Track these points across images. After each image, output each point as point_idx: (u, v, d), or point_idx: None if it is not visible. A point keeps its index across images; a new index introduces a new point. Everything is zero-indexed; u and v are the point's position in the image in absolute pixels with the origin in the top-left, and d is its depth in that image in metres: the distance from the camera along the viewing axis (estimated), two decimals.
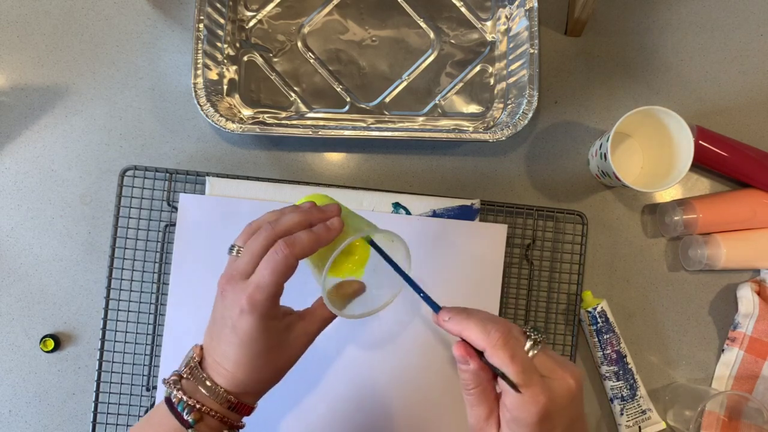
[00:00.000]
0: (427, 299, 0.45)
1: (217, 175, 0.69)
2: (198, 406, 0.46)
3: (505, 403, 0.40)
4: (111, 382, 0.68)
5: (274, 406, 0.65)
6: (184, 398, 0.46)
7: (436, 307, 0.44)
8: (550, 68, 0.75)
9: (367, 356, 0.67)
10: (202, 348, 0.49)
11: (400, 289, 0.50)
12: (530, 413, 0.39)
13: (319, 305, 0.51)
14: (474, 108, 0.74)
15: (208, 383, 0.46)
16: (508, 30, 0.74)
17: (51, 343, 0.69)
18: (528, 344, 0.41)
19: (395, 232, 0.49)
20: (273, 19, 0.74)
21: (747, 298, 0.70)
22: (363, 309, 0.51)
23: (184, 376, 0.47)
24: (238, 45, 0.74)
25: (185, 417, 0.45)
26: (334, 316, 0.50)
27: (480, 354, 0.41)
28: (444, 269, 0.68)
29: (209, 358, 0.48)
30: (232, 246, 0.49)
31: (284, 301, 0.48)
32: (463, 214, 0.69)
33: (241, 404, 0.47)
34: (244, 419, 0.49)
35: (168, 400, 0.47)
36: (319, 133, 0.69)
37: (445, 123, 0.74)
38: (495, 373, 0.40)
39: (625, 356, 0.69)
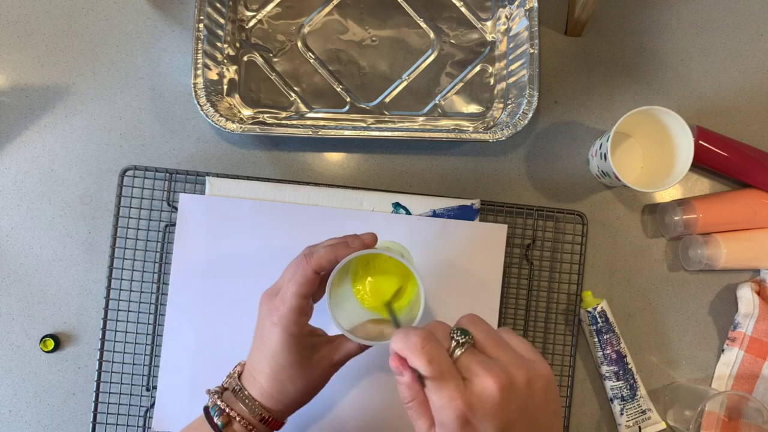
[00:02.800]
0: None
1: (217, 175, 0.69)
2: (227, 410, 0.49)
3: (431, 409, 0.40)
4: (111, 382, 0.68)
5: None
6: (218, 403, 0.50)
7: None
8: (550, 68, 0.75)
9: (374, 375, 0.67)
10: (245, 363, 0.53)
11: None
12: (449, 417, 0.38)
13: (343, 339, 0.52)
14: (474, 108, 0.74)
15: (244, 393, 0.50)
16: (508, 30, 0.74)
17: (51, 343, 0.69)
18: (452, 344, 0.40)
19: (412, 265, 0.49)
20: (273, 19, 0.74)
21: (747, 298, 0.70)
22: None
23: (227, 387, 0.52)
24: (238, 45, 0.74)
25: (215, 420, 0.49)
26: (359, 349, 0.52)
27: None
28: (444, 269, 0.68)
29: (247, 370, 0.51)
30: None
31: None
32: (463, 214, 0.69)
33: (272, 419, 0.50)
34: None
35: (206, 408, 0.51)
36: (319, 133, 0.69)
37: (445, 123, 0.74)
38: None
39: (625, 356, 0.69)
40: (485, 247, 0.68)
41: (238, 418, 0.49)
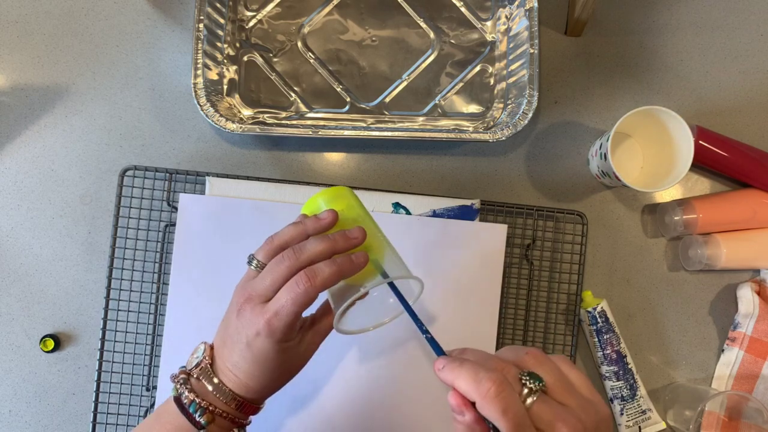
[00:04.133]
0: (432, 342, 0.43)
1: (217, 175, 0.69)
2: (211, 408, 0.47)
3: None
4: (111, 382, 0.68)
5: (277, 406, 0.65)
6: (197, 400, 0.47)
7: (439, 351, 0.42)
8: (550, 68, 0.75)
9: (368, 364, 0.67)
10: (212, 348, 0.50)
11: (401, 313, 0.49)
12: None
13: (322, 315, 0.51)
14: (474, 108, 0.74)
15: (218, 385, 0.47)
16: (508, 30, 0.74)
17: (51, 343, 0.69)
18: (524, 392, 0.37)
19: (415, 276, 0.48)
20: (273, 19, 0.74)
21: (747, 298, 0.70)
22: (364, 318, 0.51)
23: (194, 375, 0.48)
24: (238, 45, 0.74)
25: (197, 418, 0.46)
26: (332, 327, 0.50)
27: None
28: (444, 269, 0.68)
29: (219, 361, 0.49)
30: (251, 257, 0.49)
31: None
32: (463, 214, 0.69)
33: (249, 405, 0.48)
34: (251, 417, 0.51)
35: (177, 400, 0.47)
36: (319, 133, 0.69)
37: (445, 123, 0.74)
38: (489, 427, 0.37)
39: (625, 356, 0.69)
40: (485, 247, 0.68)
41: (223, 414, 0.47)
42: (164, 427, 0.47)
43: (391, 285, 0.48)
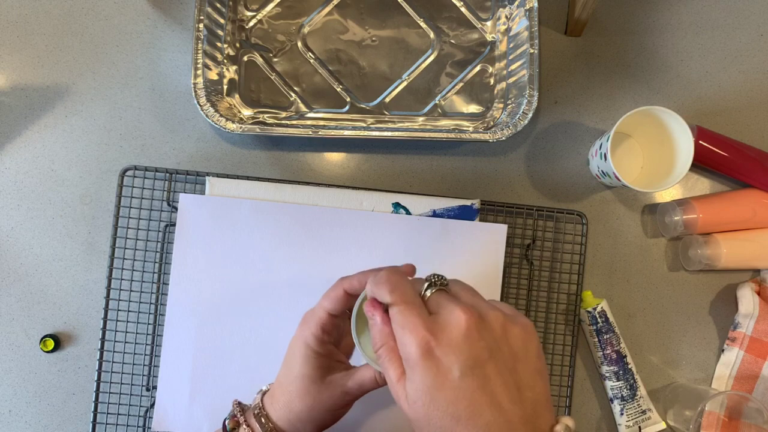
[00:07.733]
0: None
1: (217, 175, 0.69)
2: (238, 417, 0.50)
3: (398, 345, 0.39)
4: (111, 382, 0.68)
5: None
6: (235, 410, 0.51)
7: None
8: (550, 68, 0.75)
9: None
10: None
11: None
12: (411, 346, 0.37)
13: (363, 369, 0.51)
14: (474, 108, 0.74)
15: (257, 404, 0.51)
16: (508, 30, 0.74)
17: (51, 343, 0.69)
18: (425, 285, 0.41)
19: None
20: (273, 19, 0.74)
21: (747, 298, 0.70)
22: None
23: (251, 404, 0.52)
24: (238, 45, 0.74)
25: (225, 422, 0.51)
26: (372, 383, 0.50)
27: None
28: (444, 269, 0.67)
29: (272, 385, 0.52)
30: None
31: None
32: (463, 214, 0.69)
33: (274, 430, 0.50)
34: None
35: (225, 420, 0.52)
36: (319, 133, 0.69)
37: (445, 123, 0.74)
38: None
39: (625, 356, 0.69)
40: (485, 247, 0.68)
41: (244, 426, 0.49)
42: None
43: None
